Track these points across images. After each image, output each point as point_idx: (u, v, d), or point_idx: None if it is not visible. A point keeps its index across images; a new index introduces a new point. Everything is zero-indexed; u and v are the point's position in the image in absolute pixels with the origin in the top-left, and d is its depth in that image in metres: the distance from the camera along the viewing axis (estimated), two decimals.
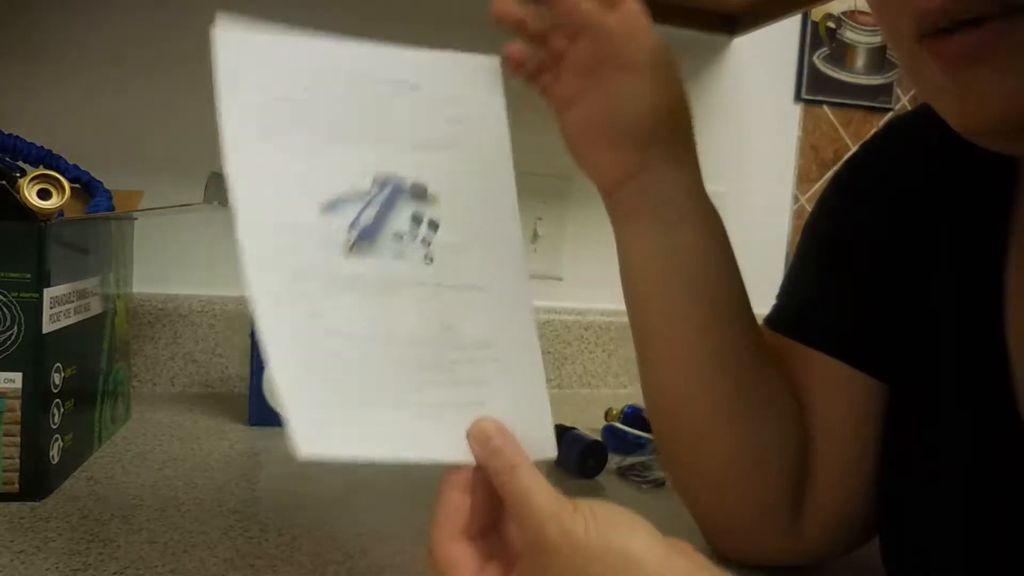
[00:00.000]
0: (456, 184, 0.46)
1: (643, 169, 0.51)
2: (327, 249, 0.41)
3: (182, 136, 1.00)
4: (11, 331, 0.59)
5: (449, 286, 0.44)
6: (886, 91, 1.29)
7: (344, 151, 0.44)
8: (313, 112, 0.44)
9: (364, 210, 0.43)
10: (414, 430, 0.41)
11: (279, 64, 0.45)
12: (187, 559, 0.52)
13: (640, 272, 0.53)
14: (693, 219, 0.52)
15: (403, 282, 0.43)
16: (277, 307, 0.40)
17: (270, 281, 0.40)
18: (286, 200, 0.42)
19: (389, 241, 0.43)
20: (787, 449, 0.53)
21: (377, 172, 0.44)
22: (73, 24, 0.96)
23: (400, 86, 0.47)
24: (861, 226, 0.53)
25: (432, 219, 0.45)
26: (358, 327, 0.41)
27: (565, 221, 1.15)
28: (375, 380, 0.41)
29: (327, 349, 0.40)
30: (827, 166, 1.28)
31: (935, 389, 0.47)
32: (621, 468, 0.78)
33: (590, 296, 1.16)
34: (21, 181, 0.61)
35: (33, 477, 0.61)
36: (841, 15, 1.25)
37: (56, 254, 0.62)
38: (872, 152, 0.56)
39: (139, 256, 0.87)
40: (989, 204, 0.47)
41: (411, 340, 0.42)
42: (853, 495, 0.52)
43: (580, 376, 1.15)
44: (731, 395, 0.52)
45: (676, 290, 0.52)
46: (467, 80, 0.49)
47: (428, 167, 0.45)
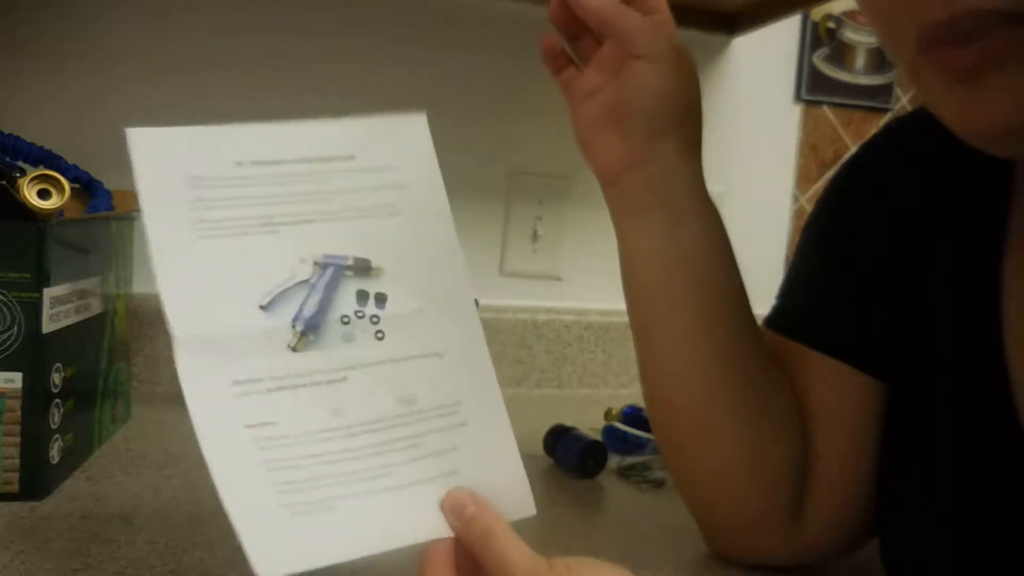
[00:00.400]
0: (400, 252, 0.45)
1: (650, 160, 0.51)
2: (270, 351, 0.40)
3: None
4: (11, 331, 0.59)
5: (404, 358, 0.43)
6: (886, 91, 1.29)
7: (278, 239, 0.42)
8: (242, 203, 0.42)
9: (307, 299, 0.42)
10: (384, 519, 0.39)
11: (202, 158, 0.43)
12: (187, 559, 0.52)
13: (642, 266, 0.53)
14: (697, 214, 0.52)
15: (355, 366, 0.42)
16: (220, 426, 0.38)
17: (211, 398, 0.38)
18: (220, 304, 0.40)
19: (336, 326, 0.42)
20: (786, 448, 0.53)
21: (316, 254, 0.43)
22: (74, 24, 0.96)
23: (331, 161, 0.45)
24: (860, 227, 0.54)
25: (379, 292, 0.43)
26: (311, 425, 0.40)
27: (565, 221, 1.15)
28: (334, 478, 0.39)
29: (278, 459, 0.38)
30: (827, 166, 1.28)
31: (933, 389, 0.47)
32: (621, 468, 0.78)
33: (590, 296, 1.17)
34: (21, 181, 0.61)
35: (33, 477, 0.60)
36: (841, 15, 1.25)
37: (56, 254, 0.62)
38: (871, 153, 0.56)
39: (139, 256, 0.87)
40: (987, 205, 0.47)
41: (369, 425, 0.41)
42: (852, 495, 0.52)
43: (580, 376, 1.15)
44: (730, 392, 0.52)
45: (678, 285, 0.52)
46: (398, 142, 0.47)
47: (369, 239, 0.44)
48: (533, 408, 1.02)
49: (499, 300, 1.12)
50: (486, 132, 1.10)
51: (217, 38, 1.00)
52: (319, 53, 1.04)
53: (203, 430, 0.38)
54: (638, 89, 0.50)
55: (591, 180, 0.55)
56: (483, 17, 1.10)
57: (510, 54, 1.11)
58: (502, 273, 1.14)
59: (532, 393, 1.13)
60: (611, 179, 0.53)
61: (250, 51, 1.01)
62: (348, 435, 0.40)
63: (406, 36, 1.07)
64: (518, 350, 1.13)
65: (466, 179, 1.11)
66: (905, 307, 0.50)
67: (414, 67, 1.07)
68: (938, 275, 0.49)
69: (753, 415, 0.53)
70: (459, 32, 1.09)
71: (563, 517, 0.67)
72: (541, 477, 0.77)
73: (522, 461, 0.44)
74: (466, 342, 0.44)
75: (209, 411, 0.38)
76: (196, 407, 0.38)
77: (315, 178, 0.44)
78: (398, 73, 1.07)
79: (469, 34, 1.10)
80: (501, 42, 1.11)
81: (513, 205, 1.13)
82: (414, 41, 1.08)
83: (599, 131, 0.52)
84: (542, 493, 0.77)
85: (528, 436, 0.86)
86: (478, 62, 1.10)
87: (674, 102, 0.50)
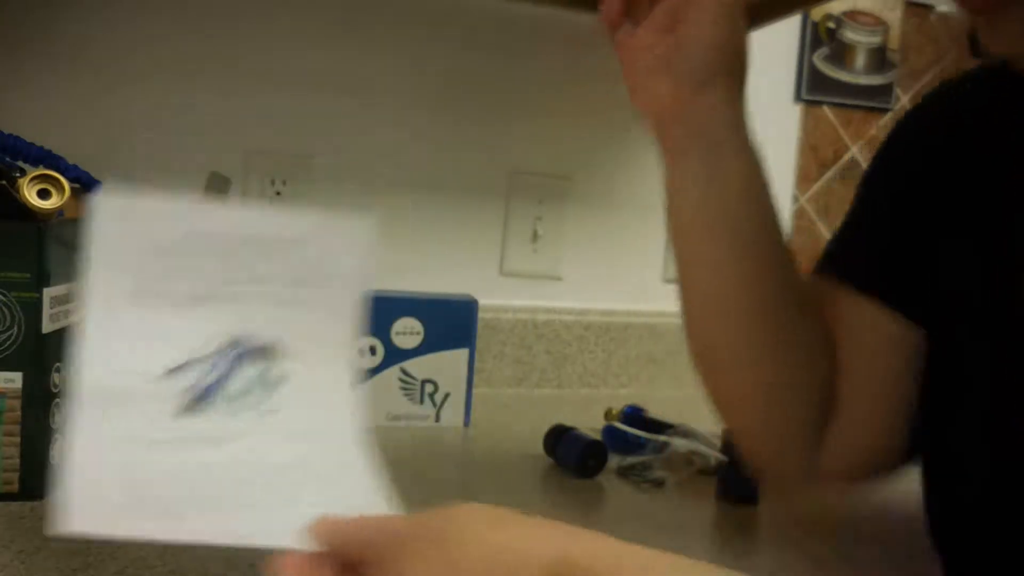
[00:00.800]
0: (310, 343, 0.47)
1: (699, 107, 0.53)
2: (155, 414, 0.42)
3: (182, 136, 1.00)
4: (11, 331, 0.59)
5: (285, 439, 0.45)
6: (886, 91, 1.29)
7: (204, 313, 0.45)
8: (181, 275, 0.45)
9: (210, 373, 0.44)
10: (226, 520, 0.40)
11: (154, 227, 0.45)
12: (187, 559, 0.52)
13: (683, 200, 0.55)
14: (738, 156, 0.54)
15: (232, 437, 0.44)
16: (92, 461, 0.40)
17: (92, 446, 0.40)
18: (129, 365, 0.42)
19: (226, 401, 0.44)
20: (812, 377, 0.55)
21: (232, 334, 0.45)
22: (74, 24, 0.96)
23: (272, 245, 0.47)
24: (905, 178, 0.56)
25: (279, 375, 0.46)
26: (173, 469, 0.41)
27: (565, 221, 1.15)
28: (179, 493, 0.40)
29: (132, 473, 0.40)
30: (827, 166, 1.28)
31: (968, 334, 0.50)
32: (621, 468, 0.78)
33: (590, 296, 1.16)
34: (21, 181, 0.61)
35: (33, 477, 0.61)
36: (841, 15, 1.25)
37: (56, 254, 0.62)
38: (922, 109, 0.59)
39: None
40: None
41: (233, 476, 0.42)
42: (875, 431, 0.55)
43: (580, 376, 1.15)
44: (758, 320, 0.55)
45: (712, 219, 0.54)
46: (342, 240, 0.49)
47: (285, 326, 0.47)
48: (533, 408, 1.03)
49: (499, 300, 1.12)
50: (486, 132, 1.10)
51: (217, 37, 1.00)
52: (319, 52, 1.04)
53: (74, 464, 0.39)
54: (688, 38, 0.52)
55: (591, 180, 0.55)
56: (483, 17, 1.10)
57: (511, 54, 1.11)
58: (502, 273, 1.14)
59: (532, 393, 1.13)
60: (660, 122, 0.55)
61: (251, 50, 1.01)
62: (207, 474, 0.42)
63: (406, 36, 1.07)
64: (518, 350, 1.13)
65: (466, 179, 1.11)
66: (945, 255, 0.52)
67: (414, 67, 1.07)
68: (975, 226, 0.51)
69: (781, 344, 0.55)
70: (459, 32, 1.09)
71: (563, 517, 0.66)
72: (541, 477, 0.77)
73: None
74: (346, 431, 0.47)
75: (86, 456, 0.40)
76: (74, 455, 0.39)
77: (253, 260, 0.46)
78: (398, 73, 1.07)
79: (469, 34, 1.10)
80: (502, 42, 1.11)
81: (513, 205, 1.13)
82: (414, 41, 1.08)
83: (650, 78, 0.54)
84: (542, 493, 0.77)
85: (528, 436, 0.86)
86: (478, 62, 1.10)
87: (723, 53, 0.52)
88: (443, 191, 1.10)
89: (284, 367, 0.46)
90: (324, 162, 1.06)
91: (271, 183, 1.04)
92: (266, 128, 1.03)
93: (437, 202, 1.10)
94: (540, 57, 1.12)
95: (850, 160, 1.29)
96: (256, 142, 1.03)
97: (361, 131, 1.07)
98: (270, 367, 0.46)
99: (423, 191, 1.09)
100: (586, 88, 1.14)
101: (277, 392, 0.46)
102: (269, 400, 0.45)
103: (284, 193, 1.04)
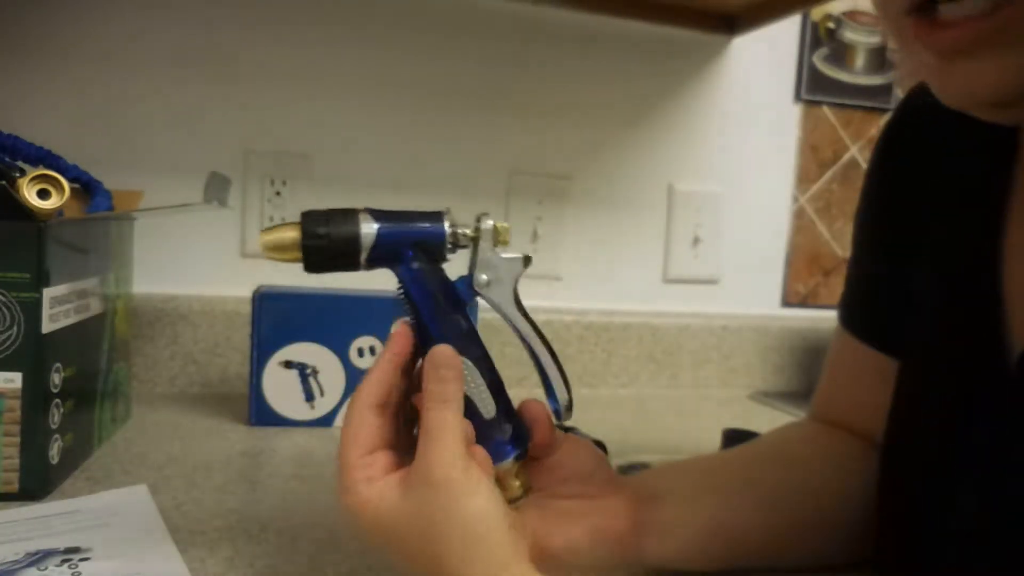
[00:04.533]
0: (113, 543, 0.53)
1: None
2: None
3: (182, 136, 1.00)
4: (11, 331, 0.59)
5: None
6: (886, 91, 1.29)
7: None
8: None
9: (10, 569, 0.48)
10: None
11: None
12: (187, 559, 0.52)
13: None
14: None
15: None
16: None
17: None
18: None
19: (35, 571, 0.48)
20: (841, 516, 0.55)
21: (29, 549, 0.51)
22: (74, 24, 0.96)
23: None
24: (878, 211, 0.57)
25: (83, 556, 0.51)
26: None
27: (565, 221, 1.15)
28: None
29: None
30: (827, 166, 1.28)
31: (932, 349, 0.49)
32: (621, 468, 0.78)
33: (590, 296, 1.16)
34: (21, 181, 0.61)
35: (33, 477, 0.61)
36: (841, 15, 1.25)
37: (56, 254, 0.62)
38: (886, 140, 0.58)
39: (139, 256, 0.87)
40: (991, 169, 0.48)
41: None
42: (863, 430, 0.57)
43: (580, 376, 1.15)
44: (783, 536, 0.54)
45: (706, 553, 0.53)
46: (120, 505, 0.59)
47: (85, 536, 0.54)
48: None
49: None
50: (486, 132, 1.10)
51: (218, 37, 1.00)
52: (319, 52, 1.04)
53: None
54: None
55: (591, 180, 0.55)
56: (483, 17, 1.10)
57: (510, 54, 1.11)
58: None
59: (532, 393, 1.12)
60: None
61: (251, 50, 1.01)
62: None
63: (407, 37, 1.07)
64: (518, 350, 1.13)
65: (466, 179, 1.11)
66: (916, 286, 0.52)
67: (414, 67, 1.07)
68: (941, 237, 0.51)
69: (811, 535, 0.55)
70: (459, 32, 1.10)
71: None
72: None
73: None
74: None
75: None
76: None
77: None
78: (398, 73, 1.07)
79: (470, 34, 1.10)
80: (502, 42, 1.11)
81: (513, 205, 1.13)
82: (415, 41, 1.08)
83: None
84: None
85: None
86: (478, 62, 1.10)
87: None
88: (443, 191, 1.10)
89: (90, 552, 0.51)
90: (324, 162, 1.06)
91: (271, 183, 1.04)
92: (266, 128, 1.03)
93: (437, 202, 1.10)
94: (540, 57, 1.12)
95: (850, 160, 1.29)
96: (256, 142, 1.03)
97: (361, 131, 1.07)
98: (74, 555, 0.51)
99: (423, 191, 1.09)
100: (586, 88, 1.14)
101: (84, 565, 0.49)
102: (75, 567, 0.49)
103: (284, 193, 1.04)
